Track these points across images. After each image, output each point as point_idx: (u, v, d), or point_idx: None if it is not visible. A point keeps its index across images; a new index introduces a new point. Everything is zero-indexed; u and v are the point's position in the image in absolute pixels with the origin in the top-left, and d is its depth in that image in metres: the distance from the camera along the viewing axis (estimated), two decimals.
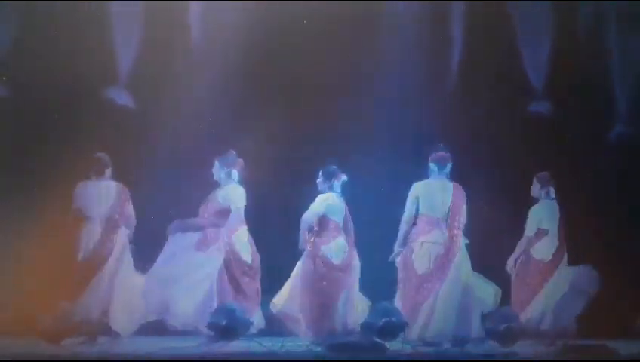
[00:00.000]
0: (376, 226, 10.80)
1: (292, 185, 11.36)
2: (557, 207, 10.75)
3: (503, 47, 11.83)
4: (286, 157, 11.65)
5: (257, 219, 10.64)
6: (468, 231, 10.56)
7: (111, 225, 10.34)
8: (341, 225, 10.40)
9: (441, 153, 10.35)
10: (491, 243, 11.02)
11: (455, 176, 10.51)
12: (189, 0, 11.81)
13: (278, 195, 11.52)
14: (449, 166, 10.35)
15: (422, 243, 10.15)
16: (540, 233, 10.70)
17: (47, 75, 11.32)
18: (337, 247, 10.32)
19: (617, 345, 9.32)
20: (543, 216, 10.73)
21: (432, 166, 10.33)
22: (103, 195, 10.41)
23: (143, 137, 11.60)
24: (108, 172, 10.48)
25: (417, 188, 10.25)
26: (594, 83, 11.85)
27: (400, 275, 10.24)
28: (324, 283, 10.21)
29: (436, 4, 11.85)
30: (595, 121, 11.87)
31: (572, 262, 10.66)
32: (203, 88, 11.54)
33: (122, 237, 10.39)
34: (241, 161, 10.55)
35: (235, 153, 10.50)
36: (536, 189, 10.83)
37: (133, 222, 10.49)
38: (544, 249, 10.67)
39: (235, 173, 10.52)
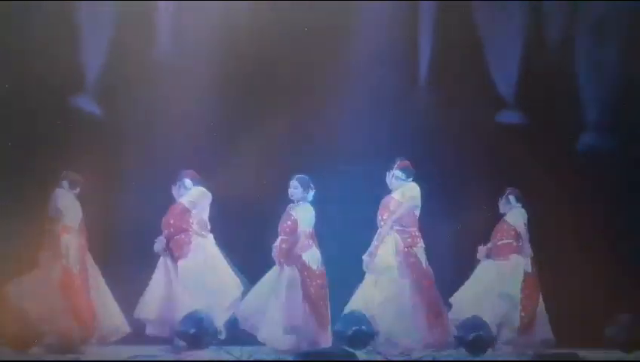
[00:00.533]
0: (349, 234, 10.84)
1: (266, 192, 11.26)
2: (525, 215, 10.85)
3: (472, 58, 11.79)
4: (260, 164, 11.56)
5: (228, 228, 10.69)
6: (440, 242, 10.65)
7: (85, 239, 10.45)
8: (313, 233, 10.46)
9: (405, 161, 10.55)
10: (461, 251, 11.05)
11: (427, 185, 10.55)
12: (160, 0, 11.73)
13: (250, 204, 11.41)
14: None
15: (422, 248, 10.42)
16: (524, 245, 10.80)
17: (15, 81, 11.21)
18: (315, 255, 10.38)
19: (588, 354, 9.32)
20: (521, 226, 10.78)
21: (398, 173, 10.50)
22: (78, 208, 10.49)
23: (112, 145, 11.48)
24: (77, 189, 10.56)
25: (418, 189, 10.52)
26: (564, 92, 11.83)
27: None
28: (312, 290, 10.26)
29: (406, 14, 11.81)
30: (564, 130, 11.86)
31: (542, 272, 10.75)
32: (174, 93, 11.46)
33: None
34: (190, 171, 10.62)
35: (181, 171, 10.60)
36: (503, 204, 10.91)
37: None
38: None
39: (188, 182, 10.60)
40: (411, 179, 10.53)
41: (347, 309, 10.15)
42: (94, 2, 11.42)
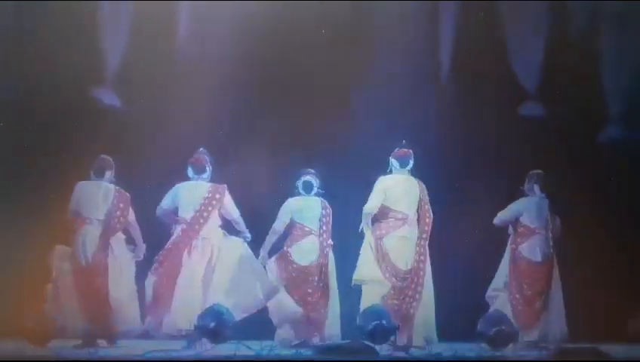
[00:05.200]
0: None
1: (286, 183, 11.23)
2: (545, 207, 10.69)
3: (494, 49, 11.75)
4: (278, 157, 11.55)
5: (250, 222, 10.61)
6: (458, 233, 10.55)
7: (108, 230, 10.18)
8: None
9: (404, 150, 10.38)
10: (480, 243, 10.95)
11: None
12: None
13: (270, 193, 11.38)
14: (411, 163, 10.37)
15: (397, 237, 10.19)
16: (524, 229, 10.63)
17: (36, 76, 11.22)
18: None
19: (609, 349, 9.23)
20: (528, 212, 10.65)
21: (393, 162, 10.37)
22: (101, 197, 10.23)
23: (132, 137, 11.47)
24: (108, 174, 10.33)
25: (385, 182, 10.31)
26: (586, 83, 11.77)
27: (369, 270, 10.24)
28: None
29: (426, 4, 11.75)
30: (587, 121, 11.81)
31: (564, 265, 10.63)
32: (193, 87, 11.45)
33: (120, 243, 10.28)
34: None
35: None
36: (526, 185, 10.77)
37: (134, 228, 10.36)
38: (532, 248, 10.60)
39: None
40: (407, 169, 10.37)
41: (367, 304, 10.09)
42: None
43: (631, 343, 10.18)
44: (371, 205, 10.24)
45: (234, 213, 10.37)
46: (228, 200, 10.33)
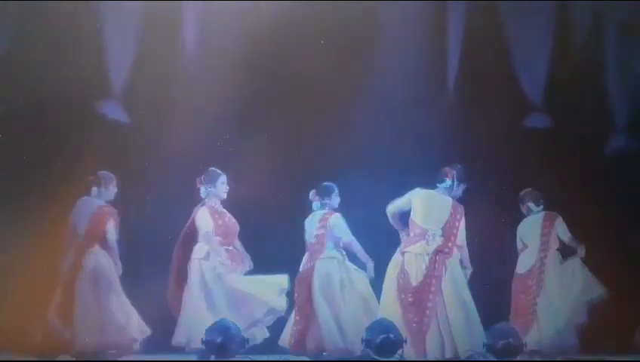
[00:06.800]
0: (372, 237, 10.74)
1: (291, 197, 11.23)
2: (539, 220, 10.78)
3: (500, 62, 11.74)
4: (285, 169, 11.54)
5: (256, 231, 10.64)
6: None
7: (81, 246, 10.16)
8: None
9: (447, 168, 10.35)
10: (488, 255, 10.93)
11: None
12: (185, 1, 11.69)
13: (275, 208, 11.37)
14: (447, 182, 10.32)
15: (410, 253, 10.17)
16: (522, 246, 10.88)
17: (40, 88, 11.19)
18: None
19: (616, 359, 9.24)
20: (522, 232, 10.89)
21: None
22: (86, 214, 10.22)
23: (138, 151, 11.46)
24: (111, 188, 10.31)
25: (415, 193, 10.28)
26: (592, 95, 11.77)
27: (388, 284, 10.22)
28: None
29: (433, 18, 11.75)
30: (593, 132, 11.80)
31: None
32: (199, 99, 11.44)
33: (96, 258, 10.17)
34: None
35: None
36: (522, 207, 10.92)
37: (111, 244, 10.23)
38: (522, 262, 10.79)
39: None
40: (442, 186, 10.36)
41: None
42: (120, 7, 11.41)
43: (638, 354, 10.17)
44: (395, 207, 10.33)
45: None
46: None
